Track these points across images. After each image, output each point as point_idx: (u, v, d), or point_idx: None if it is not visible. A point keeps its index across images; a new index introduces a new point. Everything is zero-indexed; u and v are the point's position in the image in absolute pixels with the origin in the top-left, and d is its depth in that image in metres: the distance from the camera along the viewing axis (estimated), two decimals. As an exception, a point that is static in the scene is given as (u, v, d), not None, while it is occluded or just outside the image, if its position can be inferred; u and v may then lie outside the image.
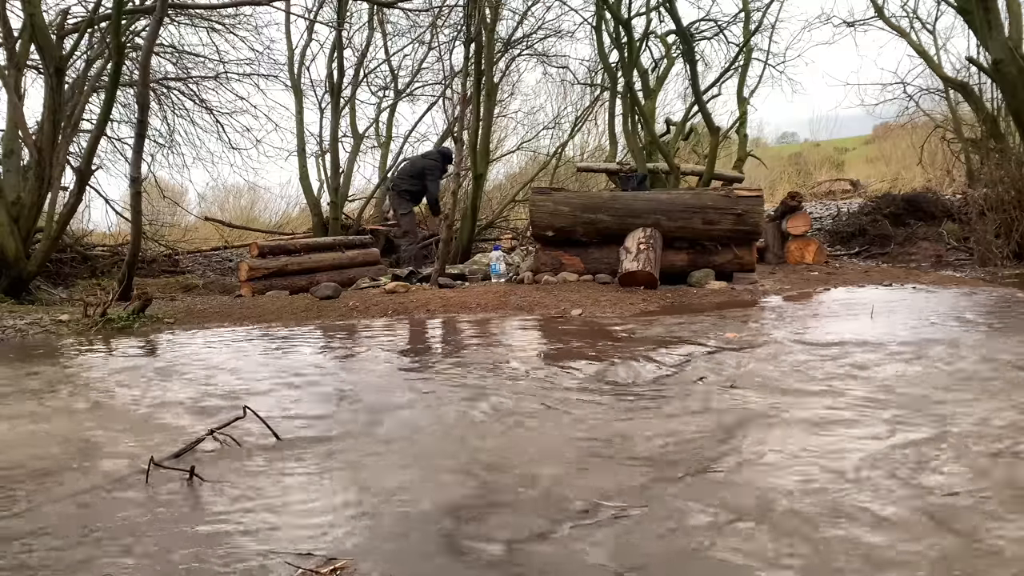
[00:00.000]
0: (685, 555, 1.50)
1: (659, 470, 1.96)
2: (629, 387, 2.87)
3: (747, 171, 12.82)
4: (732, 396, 2.66)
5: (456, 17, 11.54)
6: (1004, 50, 8.18)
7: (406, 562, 1.52)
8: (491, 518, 1.71)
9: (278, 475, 2.05)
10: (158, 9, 7.14)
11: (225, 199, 17.18)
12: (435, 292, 6.16)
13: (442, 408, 2.68)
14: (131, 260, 7.04)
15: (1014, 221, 7.78)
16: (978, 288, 5.58)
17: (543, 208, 6.39)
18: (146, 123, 7.30)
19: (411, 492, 1.88)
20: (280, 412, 2.66)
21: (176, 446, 2.28)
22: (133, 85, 10.13)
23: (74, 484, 2.03)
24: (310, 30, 11.72)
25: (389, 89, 13.10)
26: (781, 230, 8.13)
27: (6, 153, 8.04)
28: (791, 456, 2.02)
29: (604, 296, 5.42)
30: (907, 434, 2.15)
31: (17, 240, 7.38)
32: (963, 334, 3.63)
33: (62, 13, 9.14)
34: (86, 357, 4.11)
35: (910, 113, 14.19)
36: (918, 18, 16.49)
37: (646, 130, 10.92)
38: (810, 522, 1.61)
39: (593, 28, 11.14)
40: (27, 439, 2.50)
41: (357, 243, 8.84)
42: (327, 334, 4.58)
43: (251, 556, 1.56)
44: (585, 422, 2.43)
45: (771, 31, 13.00)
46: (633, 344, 3.70)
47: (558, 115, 14.74)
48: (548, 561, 1.50)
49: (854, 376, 2.85)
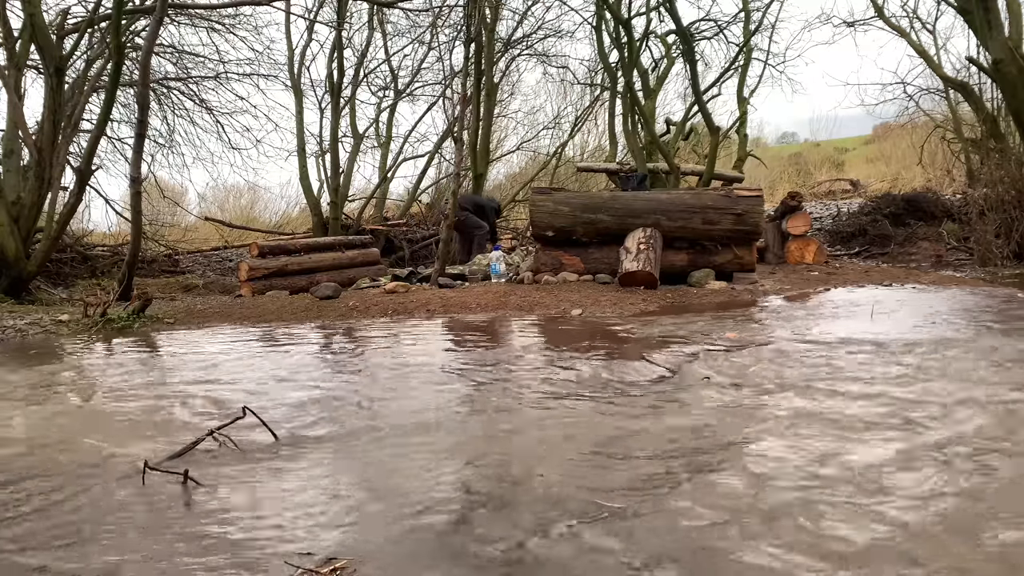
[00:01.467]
0: (695, 552, 1.50)
1: (661, 470, 1.96)
2: (629, 387, 2.86)
3: (747, 171, 12.82)
4: (733, 395, 2.65)
5: (456, 17, 11.57)
6: (1004, 50, 8.19)
7: (406, 562, 1.52)
8: (493, 518, 1.71)
9: (277, 475, 2.05)
10: (158, 9, 7.14)
11: (225, 199, 17.22)
12: (435, 292, 6.16)
13: (443, 408, 2.67)
14: (131, 260, 7.04)
15: (1014, 221, 7.78)
16: (978, 288, 5.58)
17: (543, 208, 6.39)
18: (146, 123, 7.30)
19: (412, 492, 1.88)
20: (280, 412, 2.66)
21: (175, 447, 2.28)
22: (133, 85, 10.14)
23: (71, 484, 2.03)
24: (310, 30, 11.75)
25: (389, 89, 13.13)
26: (781, 230, 8.13)
27: (6, 153, 8.05)
28: (792, 455, 2.02)
29: (604, 296, 5.42)
30: (922, 436, 2.15)
31: (17, 240, 7.38)
32: (962, 334, 3.63)
33: (62, 13, 9.15)
34: (86, 357, 4.11)
35: (910, 113, 14.23)
36: (918, 18, 16.51)
37: (646, 130, 10.93)
38: (812, 522, 1.61)
39: (593, 28, 11.16)
40: (26, 439, 2.50)
41: (357, 243, 8.84)
42: (327, 334, 4.58)
43: (250, 556, 1.56)
44: (585, 422, 2.43)
45: (771, 31, 13.03)
46: (633, 344, 3.69)
47: (558, 115, 14.79)
48: (549, 560, 1.50)
49: (854, 375, 2.85)
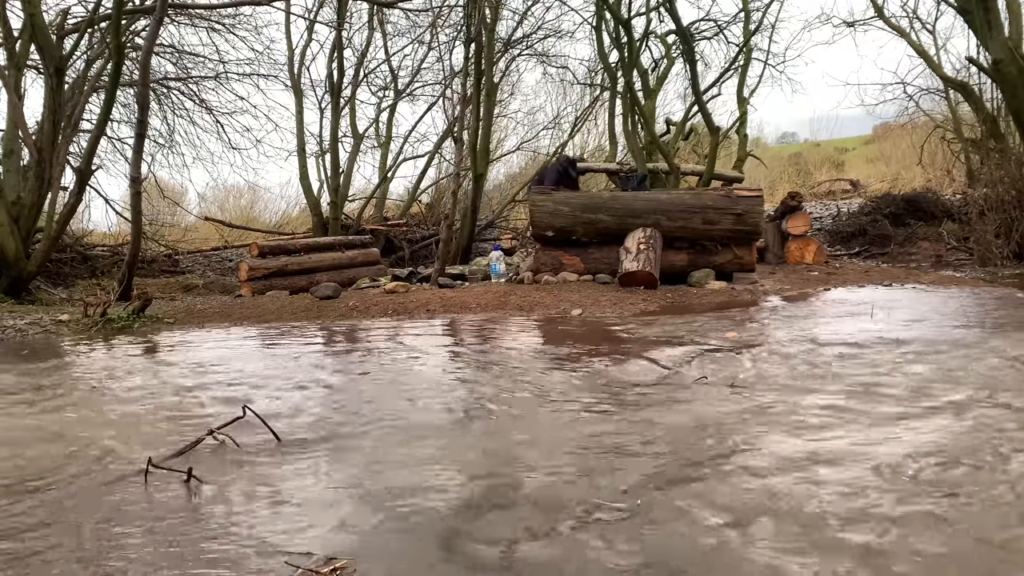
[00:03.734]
0: (694, 551, 1.50)
1: (662, 469, 1.96)
2: (630, 387, 2.86)
3: (747, 171, 12.81)
4: (733, 395, 2.65)
5: (456, 17, 11.56)
6: (1004, 50, 8.19)
7: (406, 562, 1.52)
8: (491, 519, 1.71)
9: (278, 475, 2.05)
10: (158, 9, 7.15)
11: (225, 199, 17.19)
12: (435, 292, 6.16)
13: (443, 409, 2.67)
14: (131, 260, 7.05)
15: (1014, 221, 7.78)
16: (978, 288, 5.58)
17: (543, 208, 6.39)
18: (146, 123, 7.30)
19: (412, 492, 1.88)
20: (279, 412, 2.66)
21: (176, 446, 2.28)
22: (133, 85, 10.14)
23: (71, 484, 2.03)
24: (310, 30, 11.75)
25: (389, 89, 13.12)
26: (781, 230, 8.13)
27: (6, 153, 8.05)
28: (792, 452, 2.02)
29: (604, 296, 5.42)
30: (917, 434, 2.16)
31: (17, 240, 7.38)
32: (963, 333, 3.63)
33: (62, 13, 9.15)
34: (86, 357, 4.11)
35: (910, 113, 14.21)
36: (918, 18, 16.50)
37: (646, 130, 10.92)
38: (812, 523, 1.61)
39: (593, 28, 11.15)
40: (24, 439, 2.50)
41: (357, 243, 8.85)
42: (327, 335, 4.58)
43: (250, 556, 1.56)
44: (586, 422, 2.43)
45: (771, 31, 13.00)
46: (634, 344, 3.69)
47: (558, 115, 14.75)
48: (548, 560, 1.50)
49: (855, 375, 2.85)
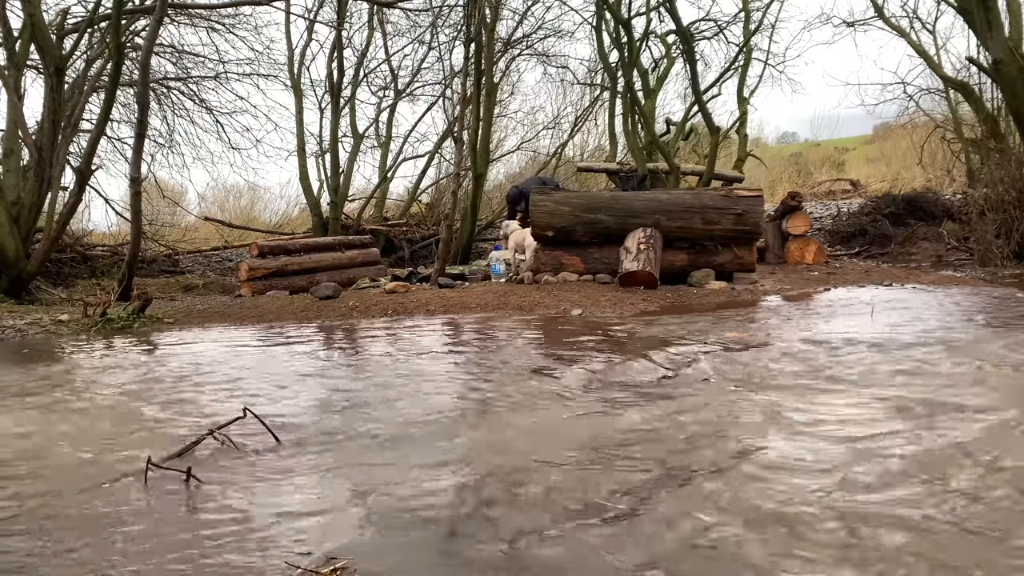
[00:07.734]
0: (694, 552, 1.50)
1: (663, 469, 1.96)
2: (630, 387, 2.86)
3: (747, 171, 12.82)
4: (734, 396, 2.65)
5: (456, 17, 11.57)
6: (1004, 50, 8.18)
7: (407, 562, 1.52)
8: (493, 518, 1.71)
9: (278, 475, 2.05)
10: (158, 9, 7.14)
11: (225, 199, 17.19)
12: (435, 292, 6.16)
13: (442, 409, 2.67)
14: (131, 260, 7.04)
15: (1014, 221, 7.77)
16: (979, 288, 5.58)
17: (543, 208, 6.39)
18: (146, 123, 7.30)
19: (412, 492, 1.88)
20: (279, 412, 2.66)
21: (175, 446, 2.28)
22: (133, 85, 10.13)
23: (71, 484, 2.03)
24: (310, 30, 11.76)
25: (389, 89, 13.13)
26: (781, 230, 8.13)
27: (6, 153, 8.04)
28: (793, 453, 2.02)
29: (604, 296, 5.42)
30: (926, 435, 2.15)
31: (17, 240, 7.38)
32: (963, 333, 3.63)
33: (62, 13, 9.15)
34: (85, 357, 4.11)
35: (910, 113, 14.22)
36: (918, 18, 16.52)
37: (646, 130, 10.93)
38: (812, 523, 1.61)
39: (593, 28, 11.17)
40: (23, 438, 2.50)
41: (357, 243, 8.84)
42: (327, 335, 4.57)
43: (250, 555, 1.56)
44: (586, 422, 2.43)
45: (771, 31, 13.00)
46: (634, 344, 3.69)
47: (558, 115, 14.76)
48: (548, 560, 1.50)
49: (855, 375, 2.85)
